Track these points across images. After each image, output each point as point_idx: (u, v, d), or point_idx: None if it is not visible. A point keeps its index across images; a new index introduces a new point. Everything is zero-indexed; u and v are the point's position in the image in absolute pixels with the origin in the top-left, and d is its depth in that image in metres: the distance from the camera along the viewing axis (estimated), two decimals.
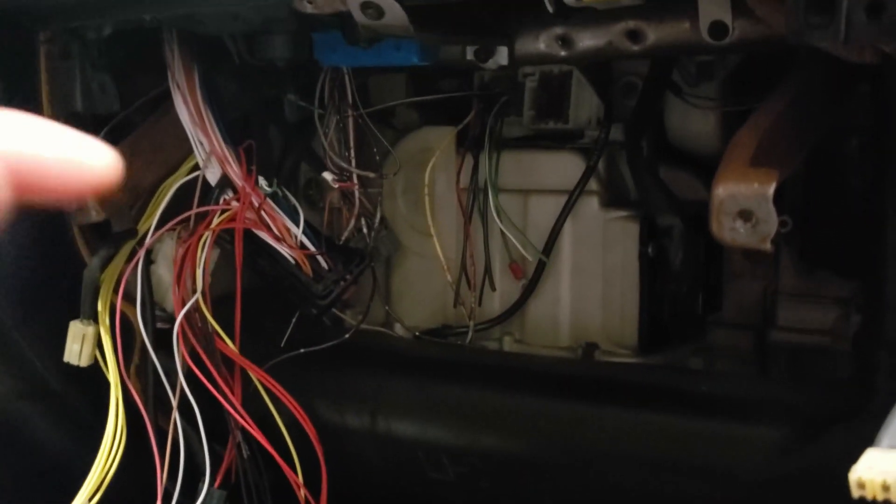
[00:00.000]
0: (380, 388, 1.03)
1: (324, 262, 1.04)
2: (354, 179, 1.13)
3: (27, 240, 0.97)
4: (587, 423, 0.91)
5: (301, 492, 0.96)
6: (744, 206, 0.63)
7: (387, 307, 1.22)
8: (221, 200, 1.01)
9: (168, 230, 1.00)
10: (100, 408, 0.97)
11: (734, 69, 1.04)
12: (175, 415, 0.97)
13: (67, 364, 0.97)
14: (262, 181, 1.00)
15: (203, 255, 0.98)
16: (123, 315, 0.97)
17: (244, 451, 0.98)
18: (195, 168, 1.02)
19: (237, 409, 0.95)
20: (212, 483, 0.99)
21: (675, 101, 1.07)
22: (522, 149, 1.12)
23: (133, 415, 0.97)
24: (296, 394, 0.99)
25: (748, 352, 1.12)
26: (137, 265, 0.98)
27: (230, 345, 0.98)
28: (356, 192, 1.13)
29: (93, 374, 0.98)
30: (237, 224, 0.99)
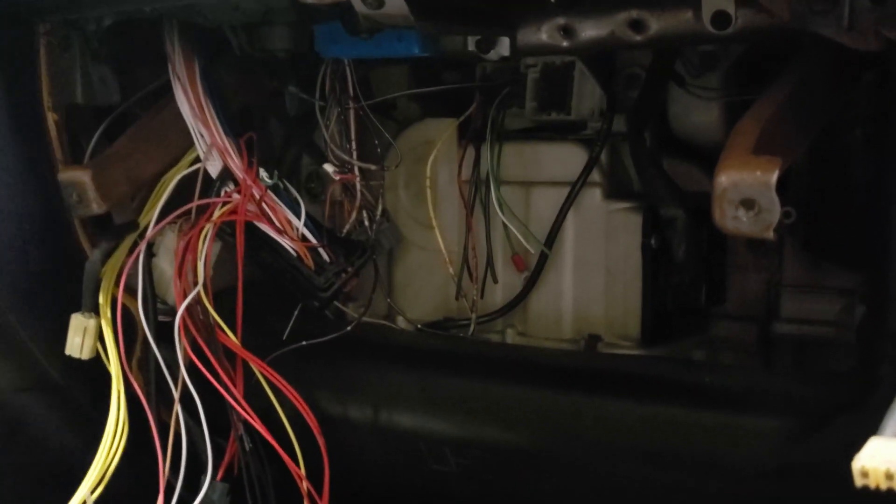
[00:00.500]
0: (382, 381, 1.03)
1: (325, 255, 1.03)
2: (356, 171, 1.12)
3: (28, 233, 0.97)
4: (590, 415, 0.91)
5: (303, 484, 0.96)
6: (746, 195, 0.62)
7: (389, 300, 1.22)
8: (223, 193, 1.00)
9: (169, 223, 1.00)
10: (101, 401, 0.97)
11: (737, 59, 1.03)
12: (177, 407, 0.97)
13: (69, 357, 0.97)
14: (263, 173, 0.99)
15: (204, 248, 0.98)
16: (125, 308, 0.97)
17: (246, 444, 0.98)
18: (196, 160, 1.02)
19: (239, 402, 0.95)
20: (214, 476, 0.99)
21: (678, 92, 1.07)
22: (524, 140, 1.12)
23: (135, 408, 0.97)
24: (298, 386, 0.98)
25: (751, 344, 1.11)
26: (139, 258, 0.98)
27: (232, 337, 0.97)
28: (358, 185, 1.13)
29: (94, 367, 0.98)
30: (238, 216, 0.99)
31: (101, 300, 0.97)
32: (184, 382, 0.96)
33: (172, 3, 0.86)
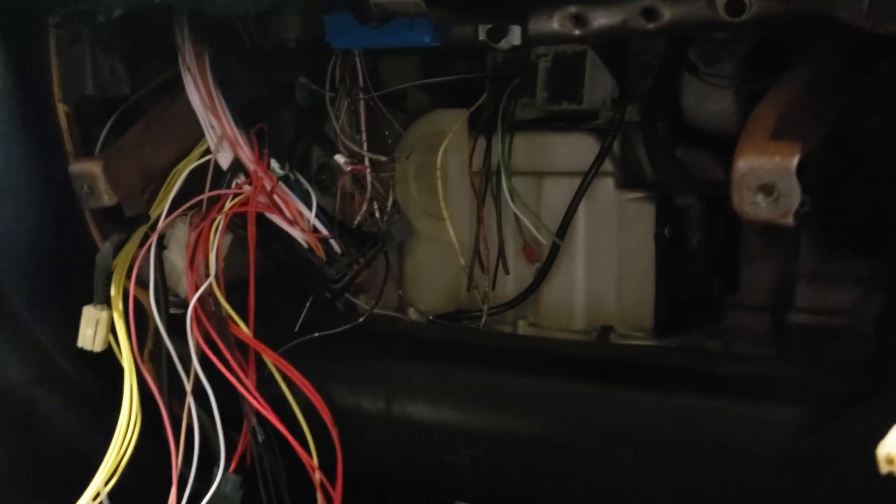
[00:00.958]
0: (394, 372, 1.02)
1: (337, 246, 1.03)
2: (366, 163, 1.12)
3: (40, 225, 0.97)
4: (604, 405, 0.91)
5: (316, 475, 0.96)
6: (766, 180, 0.62)
7: (400, 291, 1.22)
8: (234, 184, 1.00)
9: (180, 215, 1.00)
10: (114, 394, 0.97)
11: (751, 47, 1.02)
12: (189, 399, 0.97)
13: (81, 349, 0.97)
14: (275, 164, 0.99)
15: (216, 240, 0.98)
16: (136, 300, 0.97)
17: (259, 436, 0.98)
18: (207, 152, 1.02)
19: (252, 393, 0.95)
20: (227, 468, 0.99)
21: (691, 81, 1.06)
22: (536, 131, 1.11)
23: (147, 400, 0.97)
24: (310, 378, 0.98)
25: (764, 334, 1.11)
26: (150, 250, 0.97)
27: (244, 328, 0.97)
28: (368, 176, 1.13)
29: (107, 360, 0.97)
30: (250, 208, 0.98)
31: (113, 292, 0.97)
32: (196, 374, 0.96)
33: None
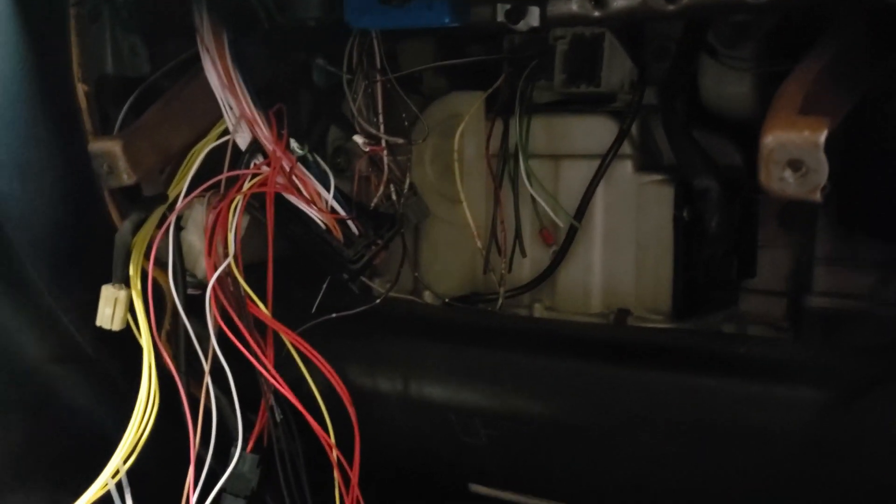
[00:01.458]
0: (412, 353, 1.02)
1: (354, 228, 1.03)
2: (383, 145, 1.12)
3: (60, 204, 0.97)
4: (622, 385, 0.90)
5: (333, 453, 0.96)
6: (794, 155, 0.61)
7: (416, 274, 1.22)
8: (252, 165, 1.00)
9: (198, 196, 1.00)
10: (131, 373, 0.97)
11: (770, 30, 1.02)
12: (207, 379, 0.97)
13: (100, 329, 0.97)
14: (294, 143, 0.99)
15: (234, 220, 0.98)
16: (154, 281, 0.97)
17: (277, 415, 0.98)
18: (225, 132, 1.02)
19: (270, 371, 0.95)
20: (244, 447, 0.99)
21: (710, 64, 1.05)
22: (553, 113, 1.11)
23: (164, 381, 0.97)
24: (327, 358, 0.98)
25: (780, 319, 1.11)
26: (168, 231, 0.98)
27: (262, 308, 0.97)
28: (385, 159, 1.12)
29: (125, 340, 0.98)
30: (268, 188, 0.98)
31: (132, 272, 0.97)
32: (214, 353, 0.96)
33: None
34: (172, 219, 0.97)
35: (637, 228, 1.07)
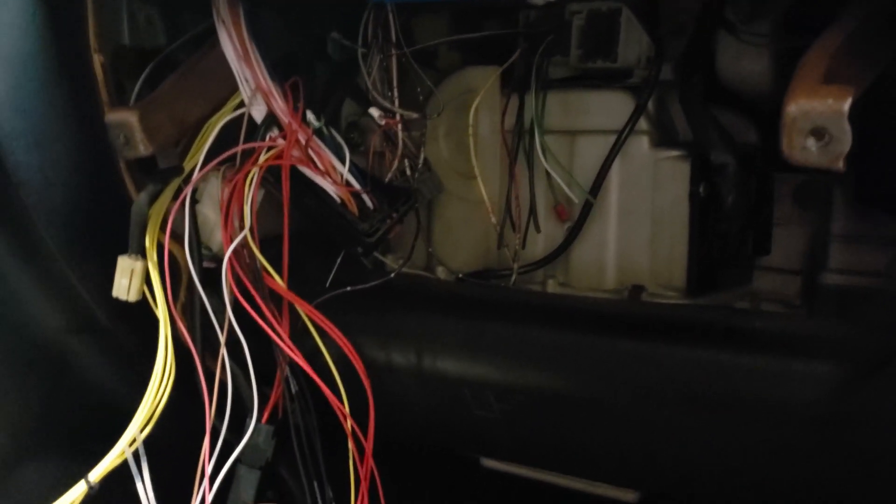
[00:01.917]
0: (425, 327, 1.02)
1: (369, 201, 1.03)
2: (398, 119, 1.11)
3: (76, 175, 0.97)
4: (637, 360, 0.90)
5: (348, 423, 0.96)
6: (817, 124, 0.61)
7: (430, 249, 1.22)
8: (267, 138, 1.00)
9: (213, 168, 1.00)
10: (147, 345, 0.98)
11: (789, 5, 1.01)
12: (223, 351, 0.97)
13: (116, 301, 0.97)
14: (310, 115, 0.99)
15: (250, 193, 0.98)
16: (170, 253, 0.97)
17: (292, 386, 0.98)
18: (240, 105, 1.01)
19: (285, 342, 0.95)
20: (259, 419, 1.00)
21: (727, 40, 1.05)
22: (569, 89, 1.10)
23: (179, 350, 0.97)
24: (341, 332, 0.98)
25: (794, 296, 1.11)
26: (183, 204, 0.98)
27: (278, 280, 0.98)
28: (399, 133, 1.12)
29: (140, 312, 0.98)
30: (284, 161, 0.98)
31: (147, 243, 0.97)
32: (230, 325, 0.96)
33: None
34: (188, 191, 0.97)
35: (652, 204, 1.06)
